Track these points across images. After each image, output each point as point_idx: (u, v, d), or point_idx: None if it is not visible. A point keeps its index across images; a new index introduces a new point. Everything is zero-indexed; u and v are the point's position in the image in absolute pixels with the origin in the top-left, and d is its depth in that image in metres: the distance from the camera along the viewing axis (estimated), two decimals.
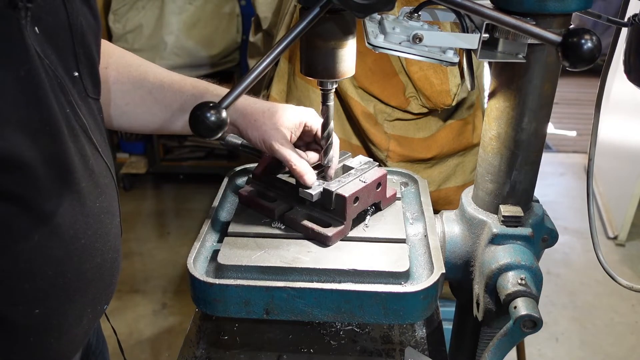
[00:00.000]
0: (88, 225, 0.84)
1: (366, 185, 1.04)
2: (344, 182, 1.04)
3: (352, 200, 1.01)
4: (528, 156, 1.02)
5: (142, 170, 4.22)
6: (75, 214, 0.81)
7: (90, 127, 0.84)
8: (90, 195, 0.84)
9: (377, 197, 1.09)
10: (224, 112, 0.75)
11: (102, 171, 0.88)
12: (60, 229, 0.79)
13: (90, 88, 0.87)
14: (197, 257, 1.00)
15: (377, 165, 1.11)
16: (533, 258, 1.00)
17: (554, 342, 2.93)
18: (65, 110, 0.77)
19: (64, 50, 0.79)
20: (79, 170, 0.80)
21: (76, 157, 0.79)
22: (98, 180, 0.86)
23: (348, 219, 1.02)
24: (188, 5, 3.68)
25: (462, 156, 2.01)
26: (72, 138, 0.78)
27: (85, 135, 0.83)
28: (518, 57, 0.91)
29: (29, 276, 0.78)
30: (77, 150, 0.80)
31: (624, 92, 3.67)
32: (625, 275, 3.37)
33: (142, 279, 3.38)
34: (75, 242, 0.82)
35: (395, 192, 1.14)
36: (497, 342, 0.95)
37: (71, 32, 0.80)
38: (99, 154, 0.87)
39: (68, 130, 0.77)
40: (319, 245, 1.01)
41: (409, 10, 0.97)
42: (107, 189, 0.89)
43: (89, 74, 0.86)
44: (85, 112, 0.84)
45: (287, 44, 0.82)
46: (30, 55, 0.69)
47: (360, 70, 1.76)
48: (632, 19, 1.02)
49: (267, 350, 1.12)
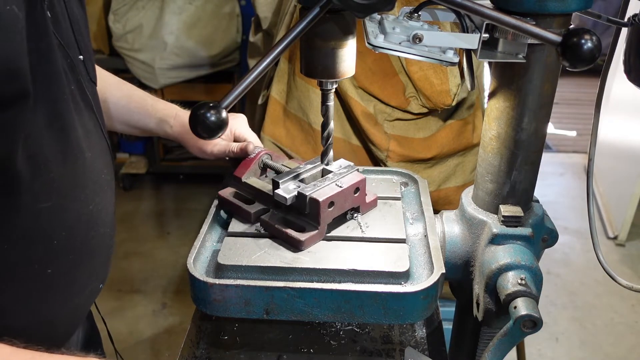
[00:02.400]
0: (95, 193, 0.91)
1: (342, 190, 1.01)
2: (320, 186, 1.01)
3: (326, 204, 0.98)
4: (528, 156, 1.02)
5: (142, 170, 4.22)
6: (85, 181, 0.89)
7: (94, 106, 0.94)
8: (94, 166, 0.91)
9: (356, 202, 1.06)
10: (224, 112, 0.75)
11: (103, 149, 0.97)
12: (74, 192, 0.87)
13: (91, 72, 0.95)
14: (197, 257, 1.00)
15: (356, 169, 1.08)
16: (533, 258, 1.00)
17: (554, 342, 2.93)
18: (71, 86, 0.86)
19: (67, 37, 0.88)
20: (84, 142, 0.88)
21: (80, 129, 0.87)
22: (100, 155, 0.94)
23: (322, 223, 1.00)
24: (188, 5, 3.68)
25: (462, 156, 2.01)
26: (77, 112, 0.87)
27: (90, 112, 0.93)
28: (518, 57, 0.91)
29: (46, 237, 0.84)
30: (82, 124, 0.88)
31: (624, 92, 3.67)
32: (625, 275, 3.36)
33: (142, 279, 3.38)
34: (84, 208, 0.89)
35: (375, 198, 1.12)
36: (497, 342, 0.95)
37: (70, 21, 0.89)
38: (102, 132, 0.96)
39: (74, 105, 0.85)
40: (319, 245, 1.01)
41: (409, 10, 0.97)
42: (106, 167, 0.97)
43: (89, 59, 0.95)
44: (90, 92, 0.93)
45: (287, 44, 0.82)
46: (49, 32, 0.79)
47: (360, 70, 1.76)
48: (632, 19, 1.02)
49: (267, 350, 1.12)
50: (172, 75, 3.77)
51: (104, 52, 3.91)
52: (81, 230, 0.90)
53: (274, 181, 1.03)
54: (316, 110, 1.86)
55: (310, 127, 1.91)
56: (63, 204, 0.85)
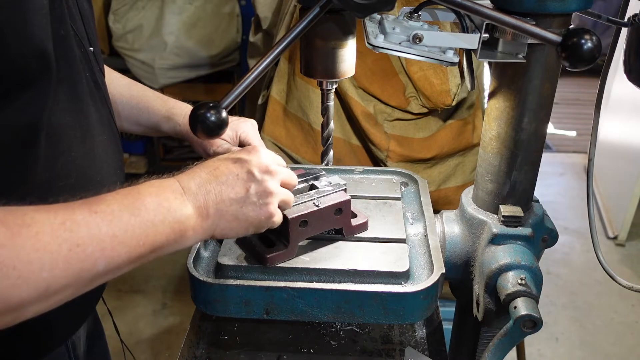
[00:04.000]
0: (109, 175, 0.95)
1: (318, 209, 0.96)
2: (296, 203, 0.96)
3: (296, 222, 0.94)
4: (528, 156, 1.02)
5: (142, 170, 4.22)
6: (101, 163, 0.93)
7: (105, 95, 0.97)
8: (108, 150, 0.96)
9: (338, 224, 1.01)
10: (224, 112, 0.75)
11: (115, 135, 1.00)
12: (91, 172, 0.91)
13: (100, 64, 0.99)
14: (197, 257, 1.00)
15: (343, 189, 1.02)
16: (533, 258, 1.00)
17: (554, 342, 2.93)
18: (86, 73, 0.90)
19: (79, 28, 0.91)
20: (98, 126, 0.93)
21: (95, 114, 0.92)
22: (112, 141, 0.98)
23: (292, 242, 0.95)
24: (188, 5, 3.68)
25: (462, 156, 2.01)
26: (91, 98, 0.91)
27: (102, 100, 0.96)
28: (518, 57, 0.91)
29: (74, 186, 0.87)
30: (96, 109, 0.93)
31: (624, 92, 3.67)
32: (625, 275, 3.37)
33: (142, 279, 3.37)
34: (100, 189, 0.88)
35: (366, 221, 1.05)
36: (497, 342, 0.95)
37: (80, 14, 0.92)
38: (112, 120, 1.00)
39: (89, 90, 0.90)
40: (319, 245, 1.01)
41: (409, 10, 0.97)
42: (117, 153, 1.01)
43: (98, 52, 0.98)
44: (101, 82, 0.96)
45: (287, 44, 0.82)
46: (67, 21, 0.84)
47: (360, 70, 1.76)
48: (632, 19, 1.02)
49: (267, 350, 1.12)
50: (172, 75, 3.77)
51: (104, 52, 3.91)
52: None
53: None
54: (316, 110, 1.86)
55: (310, 127, 1.91)
56: (82, 184, 0.88)
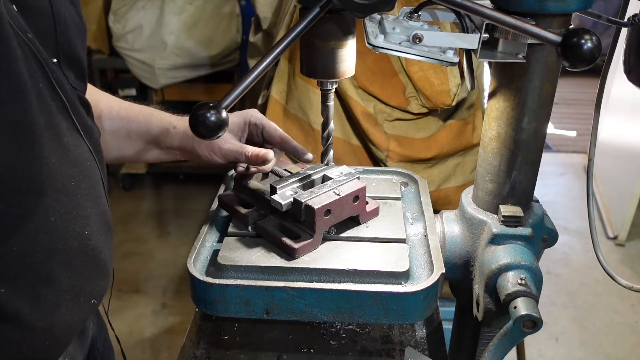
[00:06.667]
0: (60, 203, 0.82)
1: (340, 197, 0.98)
2: (317, 193, 0.98)
3: (322, 212, 0.96)
4: (528, 156, 1.02)
5: (142, 170, 4.22)
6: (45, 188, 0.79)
7: (71, 108, 0.85)
8: (62, 173, 0.82)
9: (355, 211, 1.03)
10: (224, 112, 0.75)
11: (83, 153, 0.88)
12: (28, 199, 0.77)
13: (72, 79, 0.88)
14: (197, 257, 1.00)
15: (357, 177, 1.06)
16: (533, 258, 1.00)
17: (554, 342, 2.93)
18: (38, 84, 0.78)
19: (45, 36, 0.82)
20: (47, 144, 0.79)
21: (46, 131, 0.78)
22: (76, 160, 0.85)
23: (317, 231, 0.97)
24: (188, 5, 3.68)
25: (462, 156, 2.01)
26: (43, 113, 0.78)
27: (65, 114, 0.84)
28: (518, 57, 0.91)
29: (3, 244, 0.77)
30: (50, 124, 0.79)
31: (624, 92, 3.67)
32: (625, 275, 3.36)
33: (142, 279, 3.38)
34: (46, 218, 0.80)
35: (377, 207, 1.08)
36: (497, 342, 0.95)
37: (54, 21, 0.83)
38: (80, 135, 0.87)
39: (40, 104, 0.77)
40: (319, 245, 1.01)
41: (409, 10, 0.97)
42: (88, 172, 0.88)
43: (70, 65, 0.88)
44: (68, 95, 0.85)
45: (287, 44, 0.82)
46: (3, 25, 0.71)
47: (360, 70, 1.76)
48: (632, 19, 1.02)
49: (267, 350, 1.12)
50: (172, 75, 3.77)
51: (104, 52, 3.92)
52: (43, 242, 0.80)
53: (271, 186, 1.01)
54: (316, 110, 1.86)
55: (310, 127, 1.91)
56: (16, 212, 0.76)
